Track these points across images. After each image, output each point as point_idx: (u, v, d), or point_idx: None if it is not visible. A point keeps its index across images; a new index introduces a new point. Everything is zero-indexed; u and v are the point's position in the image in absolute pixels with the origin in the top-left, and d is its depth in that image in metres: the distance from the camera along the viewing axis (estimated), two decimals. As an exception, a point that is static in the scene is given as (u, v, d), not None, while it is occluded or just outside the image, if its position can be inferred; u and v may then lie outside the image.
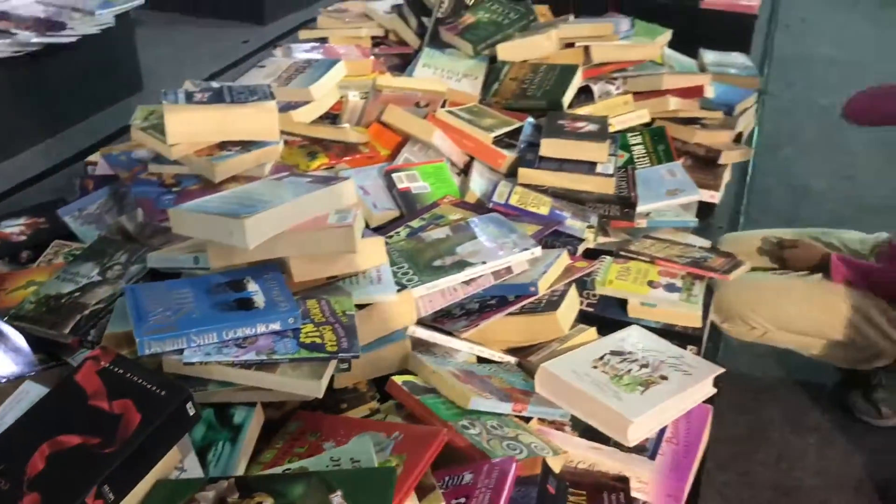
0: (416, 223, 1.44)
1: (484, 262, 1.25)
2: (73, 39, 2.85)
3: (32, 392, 0.93)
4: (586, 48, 2.02)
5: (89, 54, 3.01)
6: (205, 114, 1.41)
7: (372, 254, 1.12)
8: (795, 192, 3.15)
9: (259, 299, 1.00)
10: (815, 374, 2.19)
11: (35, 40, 2.70)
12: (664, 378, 1.07)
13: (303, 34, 2.40)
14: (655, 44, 2.09)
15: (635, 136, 1.83)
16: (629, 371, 1.08)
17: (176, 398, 0.83)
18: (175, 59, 3.77)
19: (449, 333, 1.18)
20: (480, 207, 1.50)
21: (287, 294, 1.01)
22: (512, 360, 1.21)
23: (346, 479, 0.78)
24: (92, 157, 1.73)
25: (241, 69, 3.34)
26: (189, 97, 1.44)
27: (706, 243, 1.59)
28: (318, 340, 0.97)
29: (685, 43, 2.42)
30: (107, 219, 1.49)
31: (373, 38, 2.39)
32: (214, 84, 1.91)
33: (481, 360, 1.20)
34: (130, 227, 1.44)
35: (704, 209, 1.78)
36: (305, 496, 0.76)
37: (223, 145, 1.47)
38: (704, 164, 1.85)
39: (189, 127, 1.41)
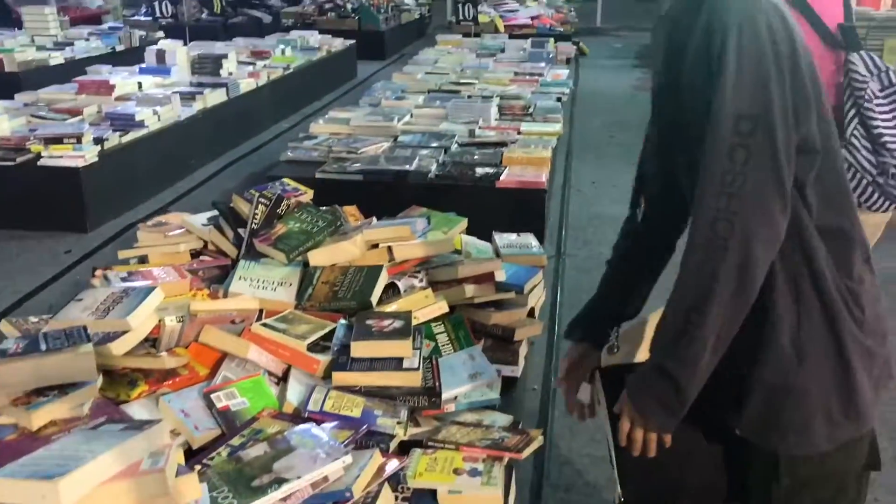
0: (236, 441, 1.53)
1: (299, 477, 1.35)
2: None
3: None
4: (389, 248, 2.24)
5: None
6: (19, 365, 1.46)
7: (187, 491, 1.20)
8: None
9: (76, 555, 1.05)
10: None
11: None
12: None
13: (122, 254, 2.50)
14: (449, 238, 2.34)
15: (438, 325, 2.03)
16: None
17: None
18: (-8, 278, 3.71)
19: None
20: (297, 417, 1.62)
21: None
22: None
23: None
24: None
25: (59, 304, 3.35)
26: (2, 353, 1.50)
27: (507, 420, 1.76)
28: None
29: (487, 222, 2.72)
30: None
31: (192, 250, 2.52)
32: (33, 319, 1.97)
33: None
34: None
35: (509, 382, 1.98)
36: None
37: (39, 391, 1.51)
38: (503, 342, 2.06)
39: (5, 380, 1.46)
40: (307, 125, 6.50)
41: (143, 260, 2.50)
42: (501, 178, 3.68)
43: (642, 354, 1.52)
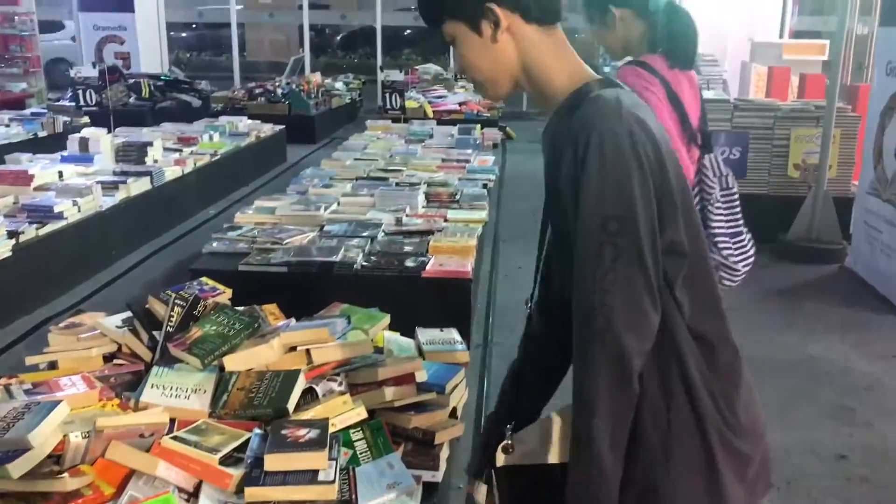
0: (140, 569, 1.46)
1: None
2: None
3: None
4: (307, 350, 2.22)
5: None
6: None
7: None
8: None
9: None
10: None
11: None
12: None
13: (29, 359, 2.41)
14: (369, 339, 2.33)
15: (356, 431, 1.99)
16: None
17: None
18: None
19: None
20: (206, 539, 1.55)
21: None
22: None
23: None
24: None
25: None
26: None
27: (427, 529, 1.73)
28: None
29: (413, 313, 2.71)
30: None
31: (105, 354, 2.44)
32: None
33: None
34: None
35: (430, 487, 1.95)
36: None
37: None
38: (423, 447, 2.04)
39: None
40: (234, 212, 6.48)
41: (52, 365, 2.42)
42: (427, 267, 3.70)
43: (552, 456, 1.50)
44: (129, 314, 2.59)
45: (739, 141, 5.82)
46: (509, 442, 1.53)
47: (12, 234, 4.27)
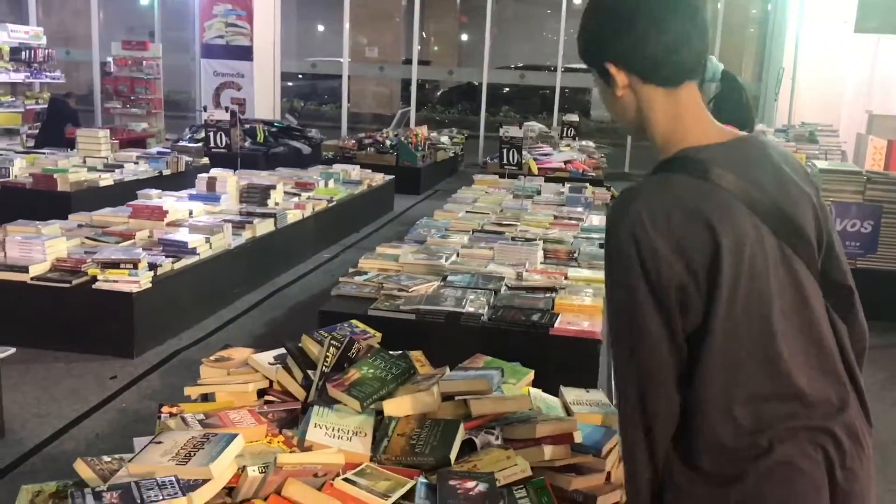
0: None
1: None
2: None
3: None
4: (465, 400, 2.21)
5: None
6: (115, 519, 1.42)
7: None
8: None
9: None
10: None
11: None
12: None
13: (188, 390, 2.48)
14: (525, 394, 2.31)
15: (520, 489, 1.96)
16: None
17: None
18: (39, 402, 3.68)
19: None
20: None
21: None
22: None
23: None
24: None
25: (104, 434, 3.30)
26: (98, 498, 1.46)
27: None
28: None
29: (539, 369, 2.68)
30: None
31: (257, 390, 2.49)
32: (106, 458, 1.93)
33: None
34: None
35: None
36: None
37: (128, 545, 1.46)
38: (584, 510, 1.99)
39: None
40: (348, 256, 6.63)
41: (206, 397, 2.48)
42: (556, 324, 3.67)
43: None
44: (278, 352, 2.64)
45: (871, 214, 5.61)
46: None
47: (152, 267, 4.45)
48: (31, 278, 4.27)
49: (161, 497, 1.48)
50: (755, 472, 1.28)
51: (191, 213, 5.76)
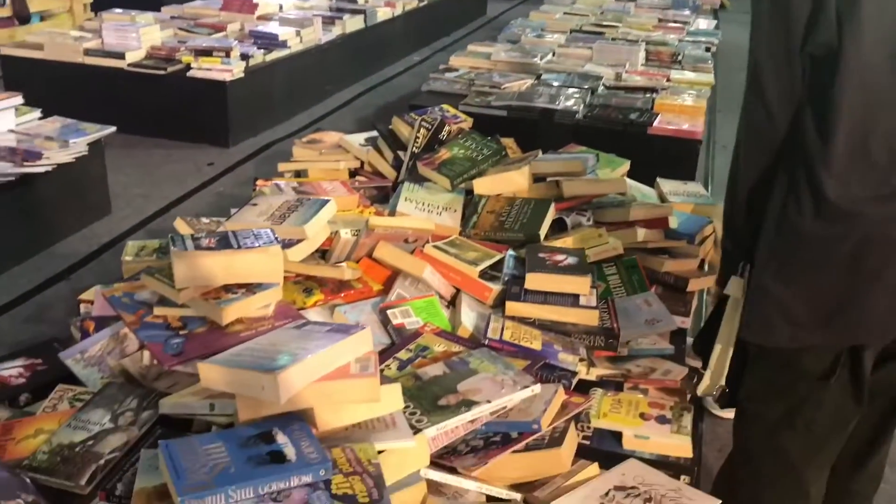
0: (403, 355, 1.50)
1: (489, 401, 1.31)
2: (48, 169, 2.89)
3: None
4: (557, 182, 2.16)
5: (61, 181, 3.05)
6: (213, 259, 1.47)
7: (390, 401, 1.17)
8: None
9: (290, 451, 1.04)
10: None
11: (11, 171, 2.74)
12: (670, 513, 1.13)
13: (282, 166, 2.50)
14: (620, 177, 2.23)
15: (609, 266, 1.94)
16: (637, 508, 1.14)
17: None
18: (141, 183, 3.83)
19: (457, 472, 1.23)
20: (458, 338, 1.57)
21: (316, 445, 1.06)
22: (517, 496, 1.26)
23: None
24: (85, 296, 1.76)
25: (205, 213, 3.41)
26: (196, 243, 1.50)
27: (682, 371, 1.67)
28: (349, 492, 1.01)
29: (634, 167, 2.59)
30: (108, 361, 1.51)
31: (349, 169, 2.50)
32: (204, 219, 1.98)
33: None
34: (134, 370, 1.47)
35: (675, 335, 1.88)
36: None
37: (227, 287, 1.52)
38: (674, 292, 1.96)
39: (197, 272, 1.46)
40: (438, 59, 6.43)
41: (299, 174, 2.50)
42: (654, 124, 3.52)
43: None
44: (369, 134, 2.63)
45: None
46: None
47: (244, 57, 4.43)
48: (128, 65, 4.32)
49: (258, 244, 1.51)
50: (881, 213, 1.22)
51: (281, 7, 5.64)
